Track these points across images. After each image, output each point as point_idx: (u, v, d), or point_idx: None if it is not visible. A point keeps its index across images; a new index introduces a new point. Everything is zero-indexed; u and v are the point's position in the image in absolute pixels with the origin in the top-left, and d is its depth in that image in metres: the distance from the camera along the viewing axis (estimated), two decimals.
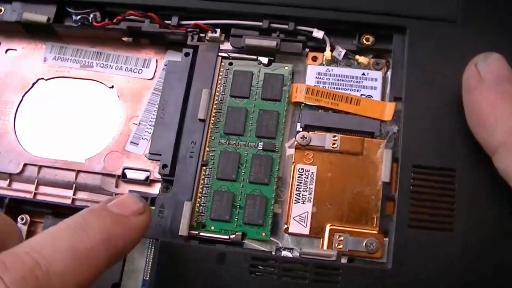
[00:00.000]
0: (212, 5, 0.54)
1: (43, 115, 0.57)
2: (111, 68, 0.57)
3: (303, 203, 0.49)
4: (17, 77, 0.58)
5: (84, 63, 0.58)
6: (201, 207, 0.50)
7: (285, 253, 0.48)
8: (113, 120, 0.56)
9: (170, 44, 0.57)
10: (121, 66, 0.57)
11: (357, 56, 0.53)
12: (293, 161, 0.50)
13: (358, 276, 0.45)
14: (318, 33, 0.53)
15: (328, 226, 0.48)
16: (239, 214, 0.49)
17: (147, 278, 0.50)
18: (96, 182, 0.54)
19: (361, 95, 0.51)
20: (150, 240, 0.50)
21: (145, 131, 0.55)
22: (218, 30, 0.54)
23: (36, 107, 0.57)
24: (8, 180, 0.55)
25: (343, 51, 0.53)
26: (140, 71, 0.57)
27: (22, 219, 0.52)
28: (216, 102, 0.52)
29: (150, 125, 0.55)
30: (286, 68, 0.53)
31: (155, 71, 0.57)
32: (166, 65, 0.55)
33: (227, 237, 0.49)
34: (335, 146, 0.50)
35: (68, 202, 0.53)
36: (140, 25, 0.55)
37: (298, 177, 0.49)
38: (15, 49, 0.59)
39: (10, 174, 0.55)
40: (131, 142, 0.55)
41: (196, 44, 0.54)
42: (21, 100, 0.57)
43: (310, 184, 0.49)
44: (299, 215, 0.49)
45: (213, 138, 0.51)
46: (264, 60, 0.53)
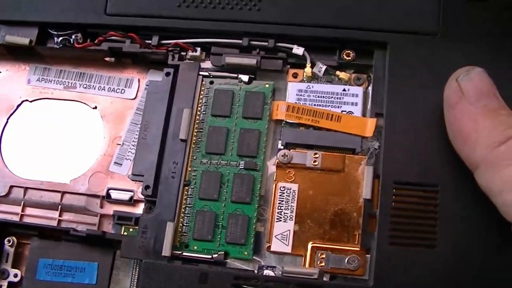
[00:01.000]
0: (191, 24, 0.54)
1: (28, 137, 0.57)
2: (94, 89, 0.57)
3: (284, 221, 0.49)
4: (2, 99, 0.58)
5: (67, 84, 0.58)
6: (184, 227, 0.50)
7: (267, 272, 0.48)
8: (97, 141, 0.56)
9: (152, 63, 0.57)
10: (104, 87, 0.57)
11: (337, 72, 0.53)
12: (274, 179, 0.50)
13: None
14: (298, 50, 0.53)
15: (310, 244, 0.48)
16: (222, 234, 0.49)
17: None
18: (81, 203, 0.54)
19: (342, 111, 0.51)
20: (135, 260, 0.51)
21: (128, 151, 0.55)
22: (198, 49, 0.54)
23: (21, 129, 0.57)
24: None
25: (324, 67, 0.53)
26: (123, 91, 0.57)
27: (9, 241, 0.53)
28: (197, 121, 0.52)
29: (133, 145, 0.55)
30: (267, 85, 0.53)
31: (137, 90, 0.57)
32: (147, 85, 0.55)
33: (210, 256, 0.49)
34: (316, 163, 0.50)
35: (54, 223, 0.54)
36: (121, 46, 0.55)
37: (280, 195, 0.50)
38: (0, 71, 0.59)
39: None
40: (115, 162, 0.55)
41: (177, 63, 0.54)
42: (6, 122, 0.57)
43: (291, 202, 0.49)
44: (281, 233, 0.49)
45: (194, 158, 0.51)
46: (245, 78, 0.53)
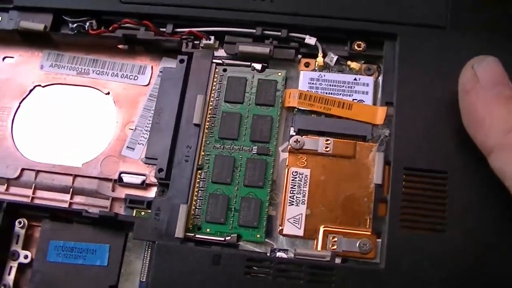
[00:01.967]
0: (206, 13, 0.55)
1: (40, 121, 0.58)
2: (107, 75, 0.58)
3: (297, 205, 0.50)
4: (15, 84, 0.59)
5: (80, 70, 0.59)
6: (197, 210, 0.51)
7: (279, 254, 0.49)
8: (109, 126, 0.57)
9: (165, 51, 0.58)
10: (117, 73, 0.58)
11: (348, 62, 0.54)
12: (287, 164, 0.51)
13: (352, 276, 0.46)
14: (310, 40, 0.54)
15: (322, 227, 0.49)
16: (234, 217, 0.50)
17: (144, 280, 0.51)
18: (93, 186, 0.55)
19: (353, 99, 0.53)
20: (147, 242, 0.51)
21: (141, 136, 0.56)
22: (212, 37, 0.55)
23: (33, 113, 0.58)
24: (6, 185, 0.55)
25: (335, 57, 0.54)
26: (136, 77, 0.58)
27: (20, 223, 0.53)
28: (210, 107, 0.53)
29: (145, 131, 0.56)
30: (279, 74, 0.54)
31: (151, 77, 0.58)
32: (161, 72, 0.56)
33: (223, 239, 0.49)
34: (328, 149, 0.51)
35: (65, 206, 0.54)
36: (136, 33, 0.56)
37: (292, 180, 0.50)
38: (12, 57, 0.60)
39: (8, 179, 0.55)
40: (127, 147, 0.56)
41: (191, 51, 0.55)
42: (19, 106, 0.58)
43: (303, 187, 0.50)
44: (293, 217, 0.50)
45: (208, 142, 0.52)
46: (257, 66, 0.54)
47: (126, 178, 0.54)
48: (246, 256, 0.48)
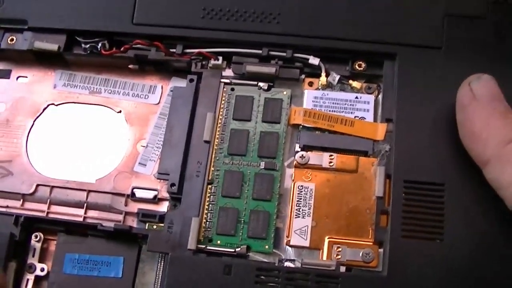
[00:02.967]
0: (214, 34, 0.57)
1: (54, 139, 0.60)
2: (119, 94, 0.60)
3: (303, 217, 0.52)
4: (28, 103, 0.61)
5: (92, 89, 0.61)
6: (208, 222, 0.53)
7: (287, 264, 0.51)
8: (122, 143, 0.59)
9: (175, 71, 0.60)
10: (128, 92, 0.60)
11: (350, 81, 0.57)
12: (293, 179, 0.54)
13: (356, 283, 0.49)
14: (314, 60, 0.56)
15: (327, 238, 0.51)
16: (244, 229, 0.52)
17: None
18: (106, 201, 0.57)
19: (355, 117, 0.55)
20: (160, 254, 0.53)
21: (152, 153, 0.58)
22: (220, 57, 0.57)
23: (47, 131, 0.60)
24: (22, 200, 0.57)
25: (338, 77, 0.56)
26: (147, 96, 0.60)
27: (36, 237, 0.55)
28: (219, 125, 0.56)
29: (156, 148, 0.58)
30: (285, 93, 0.56)
31: (161, 96, 0.60)
32: (172, 91, 0.58)
33: (233, 250, 0.52)
34: (332, 164, 0.53)
35: (80, 220, 0.56)
36: (147, 53, 0.58)
37: (298, 193, 0.53)
38: (26, 76, 0.62)
39: (23, 194, 0.57)
40: (139, 163, 0.58)
41: (200, 71, 0.57)
42: (33, 124, 0.60)
43: (309, 200, 0.53)
44: (300, 229, 0.52)
45: (217, 158, 0.55)
46: (264, 85, 0.57)
47: (138, 193, 0.56)
48: (256, 266, 0.50)
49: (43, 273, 0.55)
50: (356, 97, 0.56)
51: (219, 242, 0.52)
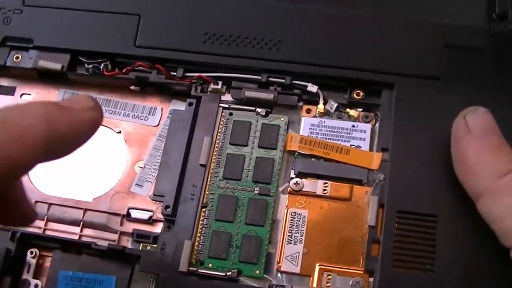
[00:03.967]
0: (215, 59, 0.58)
1: None
2: (119, 115, 0.61)
3: (294, 244, 0.52)
4: None
5: None
6: (200, 245, 0.53)
7: None
8: (120, 163, 0.59)
9: (175, 93, 0.61)
10: (129, 113, 0.61)
11: (347, 109, 0.57)
12: (286, 205, 0.54)
13: None
14: (312, 88, 0.57)
15: (318, 265, 0.52)
16: (235, 253, 0.52)
17: None
18: (102, 220, 0.57)
19: (351, 145, 0.55)
20: (152, 275, 0.54)
21: (149, 174, 0.58)
22: (220, 82, 0.58)
23: None
24: None
25: (335, 105, 0.57)
26: (146, 118, 0.61)
27: (31, 253, 0.56)
28: (216, 149, 0.56)
29: (154, 169, 0.58)
30: (282, 119, 0.57)
31: (160, 118, 0.61)
32: (171, 114, 0.59)
33: (224, 273, 0.52)
34: (326, 192, 0.54)
35: (76, 238, 0.57)
36: (148, 76, 0.59)
37: (291, 220, 0.53)
38: (30, 94, 0.63)
39: None
40: (136, 184, 0.58)
41: (199, 95, 0.58)
42: None
43: (301, 227, 0.53)
44: (291, 255, 0.52)
45: (213, 182, 0.55)
46: (262, 111, 0.57)
47: (134, 214, 0.57)
48: None
49: None
50: (353, 126, 0.56)
51: (210, 265, 0.53)
